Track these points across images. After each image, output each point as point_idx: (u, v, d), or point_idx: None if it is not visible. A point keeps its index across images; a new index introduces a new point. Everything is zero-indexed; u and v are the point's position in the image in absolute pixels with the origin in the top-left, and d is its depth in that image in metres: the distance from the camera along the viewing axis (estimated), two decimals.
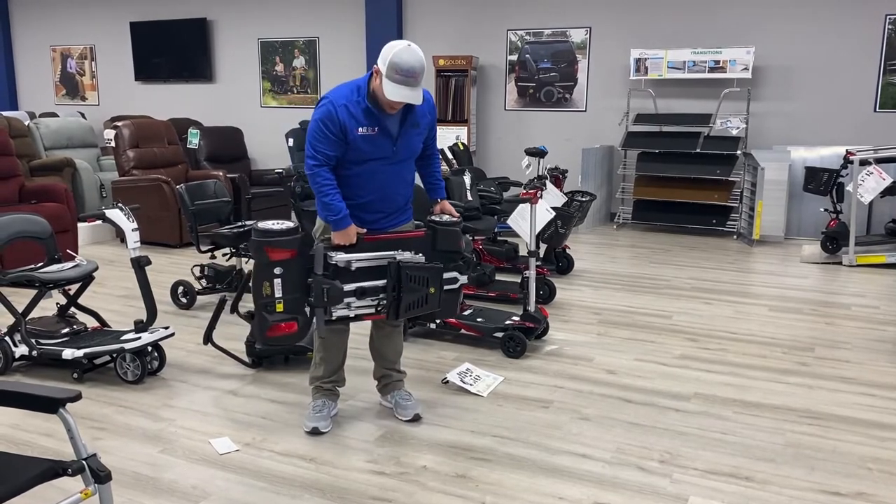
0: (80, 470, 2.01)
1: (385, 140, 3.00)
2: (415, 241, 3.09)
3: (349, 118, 2.92)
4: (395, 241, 3.07)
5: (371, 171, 3.03)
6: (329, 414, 3.27)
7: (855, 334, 4.58)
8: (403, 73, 2.82)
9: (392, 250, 3.04)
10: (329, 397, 3.31)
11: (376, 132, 2.97)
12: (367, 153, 2.99)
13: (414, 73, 2.83)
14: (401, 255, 3.03)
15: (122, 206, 3.86)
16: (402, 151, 3.07)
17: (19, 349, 3.86)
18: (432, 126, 3.21)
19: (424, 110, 3.10)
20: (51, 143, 8.58)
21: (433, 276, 3.04)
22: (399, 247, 3.06)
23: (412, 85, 2.85)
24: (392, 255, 3.03)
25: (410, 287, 3.01)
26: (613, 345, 4.37)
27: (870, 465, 2.95)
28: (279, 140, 9.31)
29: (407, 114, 3.03)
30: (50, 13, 11.39)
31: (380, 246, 3.04)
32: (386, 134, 3.00)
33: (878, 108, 7.56)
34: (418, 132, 3.10)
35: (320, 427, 3.20)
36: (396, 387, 3.40)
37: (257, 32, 10.12)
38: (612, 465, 2.94)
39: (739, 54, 7.65)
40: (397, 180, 3.12)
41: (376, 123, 2.96)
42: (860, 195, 6.33)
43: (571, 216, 5.53)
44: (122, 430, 3.25)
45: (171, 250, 7.06)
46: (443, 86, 8.76)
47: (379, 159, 3.02)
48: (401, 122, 3.02)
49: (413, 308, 3.07)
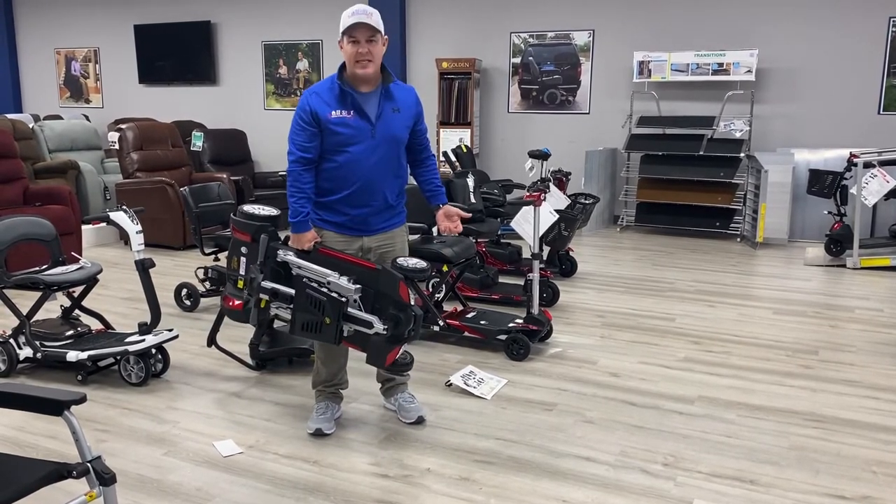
0: (85, 472, 2.02)
1: (362, 123, 2.97)
2: (361, 271, 2.89)
3: (320, 104, 2.94)
4: (344, 263, 2.91)
5: (353, 159, 2.98)
6: (332, 416, 3.27)
7: (859, 337, 4.57)
8: (353, 11, 2.89)
9: (336, 270, 2.89)
10: (332, 400, 3.32)
11: (352, 115, 2.96)
12: (344, 138, 2.95)
13: (365, 10, 2.89)
14: (336, 278, 2.85)
15: (127, 209, 3.87)
16: (382, 134, 3.00)
17: (24, 351, 3.87)
18: (419, 118, 3.14)
19: (406, 98, 3.08)
20: (55, 146, 8.61)
21: (332, 306, 2.84)
22: (343, 270, 2.89)
23: (365, 19, 2.87)
24: (327, 276, 2.87)
25: (304, 306, 2.89)
26: (617, 347, 4.37)
27: (874, 468, 2.94)
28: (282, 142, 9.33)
29: (385, 97, 3.00)
30: (54, 16, 11.43)
31: (328, 262, 2.92)
32: (363, 116, 2.97)
33: (882, 111, 7.55)
34: (400, 117, 3.04)
35: (324, 429, 3.20)
36: (400, 389, 3.40)
37: (261, 35, 10.14)
38: (616, 468, 2.94)
39: (743, 57, 7.65)
40: (382, 169, 3.03)
41: (351, 106, 2.96)
42: (864, 198, 6.32)
43: (575, 219, 5.53)
44: (126, 433, 3.25)
45: (175, 252, 7.07)
46: (446, 88, 8.77)
47: (358, 144, 2.97)
48: (379, 105, 3.00)
49: (306, 330, 2.92)
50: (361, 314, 2.86)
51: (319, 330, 2.90)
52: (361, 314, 2.86)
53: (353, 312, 2.87)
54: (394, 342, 2.85)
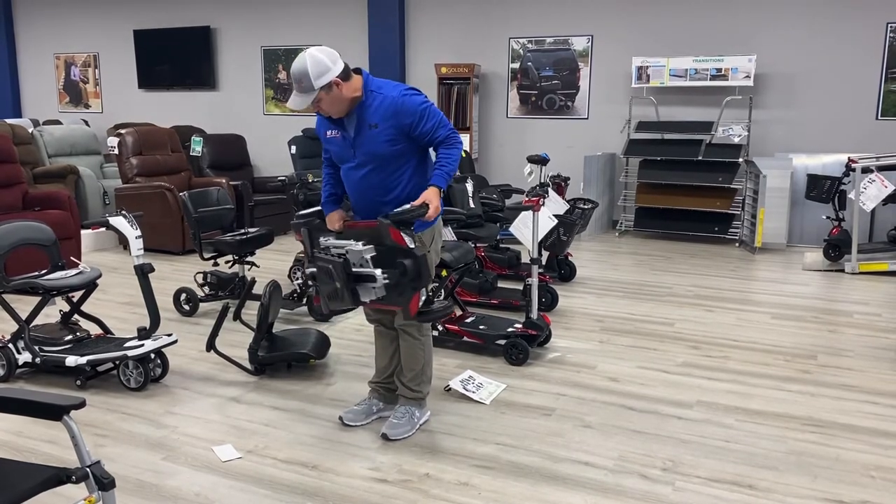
0: (84, 477, 2.02)
1: (345, 143, 3.09)
2: (369, 232, 2.98)
3: (321, 122, 3.15)
4: (358, 230, 3.04)
5: (345, 172, 3.17)
6: (367, 410, 3.40)
7: (857, 342, 4.57)
8: (292, 78, 2.94)
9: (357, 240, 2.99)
10: (374, 395, 3.45)
11: (339, 135, 3.10)
12: (335, 155, 3.18)
13: (295, 78, 2.92)
14: (353, 245, 2.95)
15: (126, 214, 3.87)
16: (361, 155, 3.04)
17: (23, 356, 3.87)
18: (411, 127, 3.00)
19: (384, 109, 2.98)
20: (54, 151, 8.62)
21: (336, 269, 2.92)
22: (358, 237, 3.00)
23: (296, 91, 2.94)
24: (345, 245, 2.97)
25: (321, 277, 2.98)
26: (616, 352, 4.37)
27: (873, 473, 2.95)
28: (282, 148, 9.35)
29: (360, 116, 3.02)
30: (54, 21, 11.45)
31: (353, 235, 3.04)
32: (345, 137, 3.08)
33: (880, 116, 7.57)
34: (378, 133, 2.99)
35: (345, 418, 3.36)
36: (403, 402, 3.33)
37: (260, 40, 10.15)
38: (615, 472, 2.94)
39: (741, 62, 7.67)
40: (366, 187, 3.08)
41: (338, 127, 3.09)
42: (862, 203, 6.33)
43: (574, 223, 5.54)
44: (124, 438, 3.25)
45: (174, 257, 7.08)
46: (445, 93, 8.79)
47: (346, 162, 3.13)
48: (357, 124, 3.03)
49: (331, 299, 2.99)
50: (363, 270, 2.92)
51: (340, 297, 2.95)
52: (363, 270, 2.92)
53: (356, 271, 2.92)
54: (409, 290, 2.91)
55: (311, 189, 4.97)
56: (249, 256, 5.32)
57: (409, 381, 3.29)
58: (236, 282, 5.33)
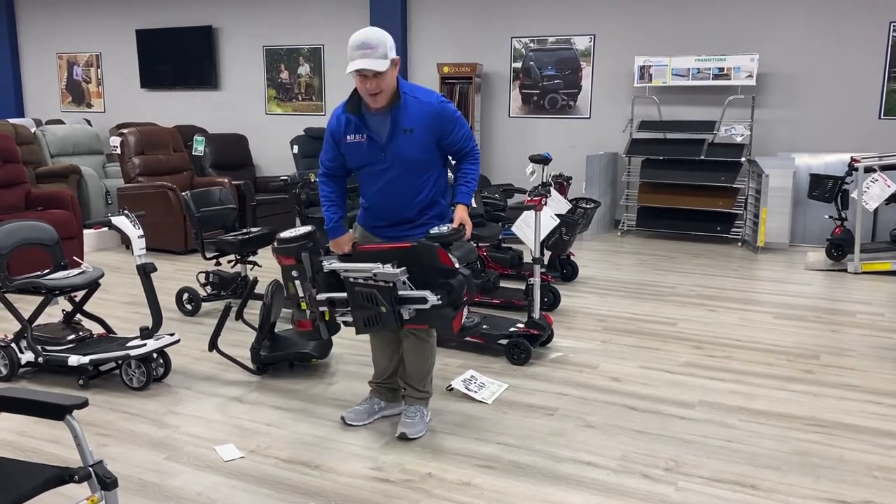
0: (87, 477, 2.02)
1: (374, 147, 3.00)
2: (401, 254, 2.94)
3: (340, 126, 3.06)
4: (383, 252, 2.96)
5: (368, 175, 3.09)
6: (370, 409, 3.39)
7: (860, 342, 4.57)
8: (358, 45, 2.84)
9: (378, 262, 2.94)
10: (376, 394, 3.43)
11: (364, 138, 3.00)
12: (358, 160, 3.07)
13: (369, 43, 2.83)
14: (380, 268, 2.89)
15: (129, 213, 3.87)
16: (394, 158, 2.98)
17: (25, 356, 3.87)
18: (444, 133, 3.00)
19: (421, 115, 2.95)
20: (57, 150, 8.63)
21: (383, 294, 2.88)
22: (384, 259, 2.94)
23: (369, 55, 2.83)
24: (371, 269, 2.91)
25: (359, 303, 2.93)
26: (618, 352, 4.37)
27: (876, 473, 2.94)
28: (284, 147, 9.35)
29: (396, 119, 2.95)
30: (56, 21, 11.46)
31: (370, 256, 2.97)
32: (373, 141, 2.99)
33: (882, 115, 7.56)
34: (413, 138, 2.96)
35: (346, 418, 3.35)
36: (410, 402, 3.32)
37: (262, 40, 10.16)
38: (617, 472, 2.94)
39: (744, 61, 7.66)
40: (396, 190, 3.04)
41: (363, 131, 3.00)
42: (865, 202, 6.32)
43: (576, 223, 5.53)
44: (127, 437, 3.26)
45: (177, 257, 7.08)
46: (447, 93, 8.78)
47: (371, 165, 3.04)
48: (391, 129, 2.96)
49: (369, 325, 2.97)
50: (413, 293, 2.90)
51: (380, 321, 2.94)
52: (413, 293, 2.90)
53: (404, 293, 2.90)
54: (453, 308, 2.90)
55: (313, 188, 4.97)
56: (251, 256, 5.32)
57: (417, 382, 3.28)
58: (238, 281, 5.34)
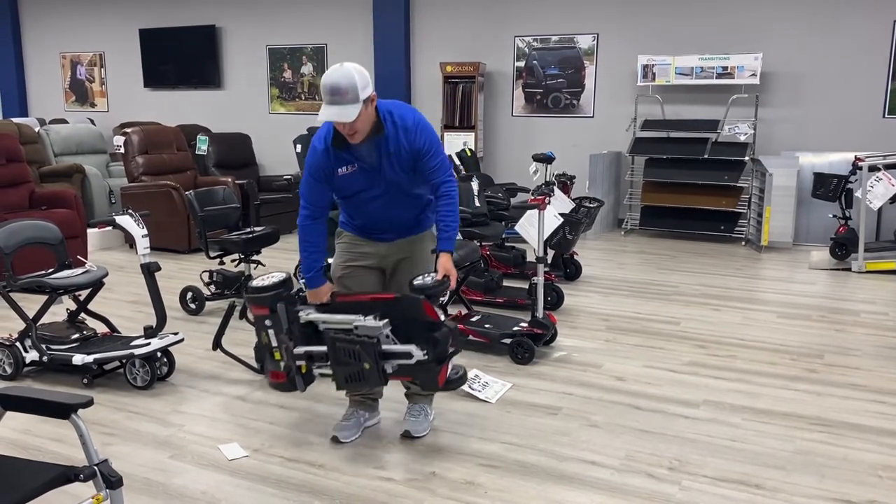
0: (92, 475, 2.02)
1: (366, 174, 2.92)
2: (383, 305, 2.84)
3: (333, 160, 2.90)
4: (365, 304, 2.86)
5: (359, 201, 3.01)
6: (358, 423, 3.25)
7: (865, 341, 4.56)
8: (328, 90, 2.70)
9: (359, 313, 2.83)
10: (359, 406, 3.30)
11: (355, 168, 2.91)
12: (352, 190, 2.97)
13: (339, 89, 2.68)
14: (361, 321, 2.79)
15: (133, 213, 3.88)
16: (388, 184, 2.93)
17: (30, 354, 3.88)
18: (419, 155, 2.90)
19: (400, 139, 2.87)
20: (60, 150, 8.64)
21: (366, 350, 2.76)
22: (366, 310, 2.84)
23: (338, 103, 2.69)
24: (352, 321, 2.81)
25: (340, 359, 2.82)
26: (622, 351, 4.36)
27: (880, 472, 2.93)
28: (287, 146, 9.35)
29: (378, 147, 2.87)
30: (60, 20, 11.47)
31: (350, 307, 2.87)
32: (365, 168, 2.92)
33: (887, 114, 7.54)
34: (397, 161, 2.89)
35: (339, 437, 3.19)
36: (415, 400, 3.33)
37: (265, 39, 10.16)
38: (621, 472, 2.93)
39: (747, 60, 7.65)
40: (390, 205, 3.00)
41: (353, 161, 2.90)
42: (869, 201, 6.30)
43: (579, 222, 5.53)
44: (131, 436, 3.26)
45: (180, 256, 7.09)
46: (450, 92, 8.78)
47: (365, 191, 2.96)
48: (378, 155, 2.88)
49: (351, 381, 2.85)
50: (397, 347, 2.80)
51: (363, 378, 2.82)
52: (397, 347, 2.80)
53: (388, 348, 2.80)
54: (439, 362, 2.80)
55: None
56: (255, 255, 5.31)
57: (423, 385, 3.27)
58: (242, 280, 5.34)
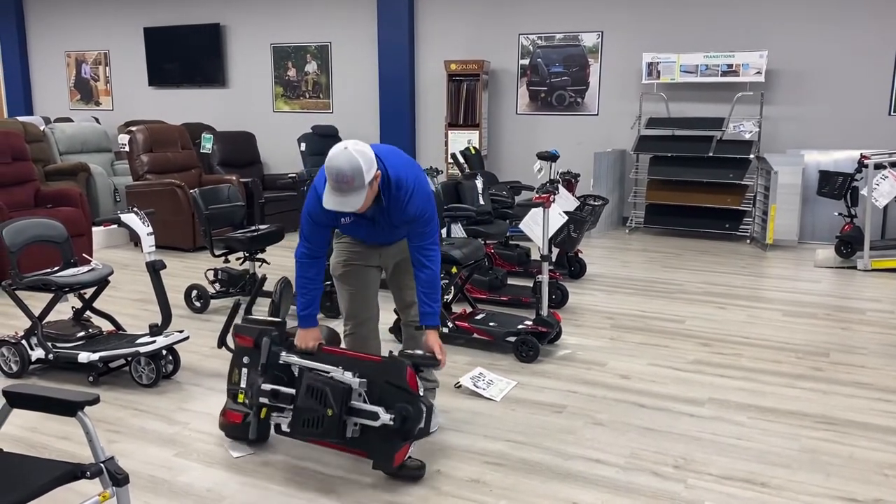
0: (99, 473, 2.03)
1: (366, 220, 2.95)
2: (366, 365, 2.81)
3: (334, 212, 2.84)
4: (349, 359, 2.84)
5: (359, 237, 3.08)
6: None
7: (870, 339, 4.55)
8: (334, 177, 2.64)
9: (341, 366, 2.79)
10: None
11: (355, 219, 2.93)
12: (354, 230, 3.04)
13: (344, 177, 2.61)
14: (339, 373, 2.76)
15: (138, 211, 3.89)
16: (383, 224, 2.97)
17: (36, 352, 3.89)
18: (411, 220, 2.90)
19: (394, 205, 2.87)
20: (65, 148, 8.65)
21: (336, 394, 2.69)
22: (348, 365, 2.80)
23: (344, 191, 2.65)
24: (329, 371, 2.79)
25: (305, 399, 2.75)
26: (627, 349, 4.36)
27: (886, 471, 2.93)
28: (292, 145, 9.36)
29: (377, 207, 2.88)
30: (65, 19, 11.50)
31: (334, 360, 2.85)
32: (363, 221, 2.95)
33: (892, 112, 7.51)
34: (393, 217, 2.93)
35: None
36: None
37: (270, 37, 10.17)
38: (627, 470, 2.93)
39: (752, 58, 7.63)
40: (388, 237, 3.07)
41: (350, 214, 2.88)
42: (875, 199, 6.29)
43: (584, 220, 5.53)
44: (137, 434, 3.27)
45: (185, 254, 7.10)
46: (454, 90, 8.78)
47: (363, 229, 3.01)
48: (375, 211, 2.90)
49: (308, 426, 2.76)
50: (366, 406, 2.74)
51: (321, 424, 2.73)
52: (366, 406, 2.74)
53: (357, 405, 2.75)
54: (402, 438, 2.74)
55: None
56: (260, 253, 5.33)
57: (426, 373, 3.31)
58: (247, 278, 5.35)
